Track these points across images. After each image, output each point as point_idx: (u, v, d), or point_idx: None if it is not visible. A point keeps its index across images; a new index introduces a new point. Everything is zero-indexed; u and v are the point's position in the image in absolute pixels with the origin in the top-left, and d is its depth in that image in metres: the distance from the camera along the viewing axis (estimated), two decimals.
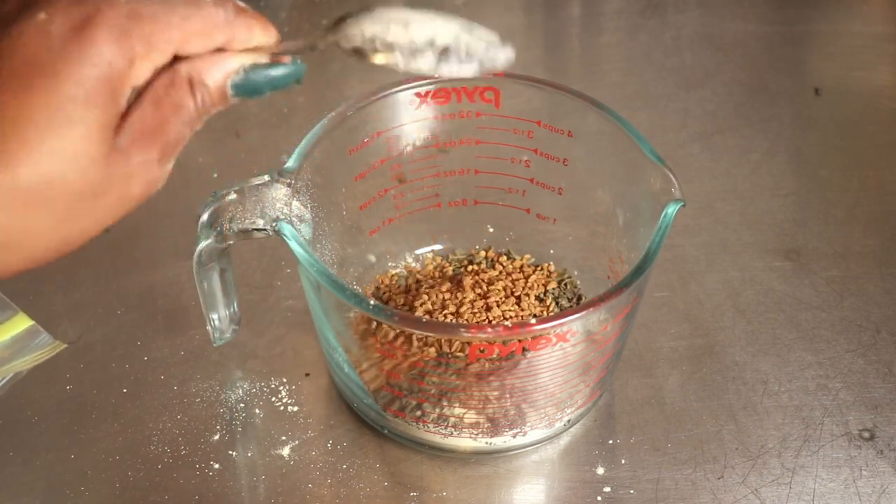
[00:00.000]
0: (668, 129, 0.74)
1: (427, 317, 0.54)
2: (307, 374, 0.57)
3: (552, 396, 0.50)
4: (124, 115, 0.36)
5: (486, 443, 0.52)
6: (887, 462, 0.53)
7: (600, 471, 0.53)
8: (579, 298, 0.59)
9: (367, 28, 0.39)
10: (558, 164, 0.57)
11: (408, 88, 0.55)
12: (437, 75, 0.45)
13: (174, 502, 0.51)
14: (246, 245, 0.63)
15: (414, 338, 0.50)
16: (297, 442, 0.54)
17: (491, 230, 0.62)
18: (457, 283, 0.57)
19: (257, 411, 0.55)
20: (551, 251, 0.61)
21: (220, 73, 0.38)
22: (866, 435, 0.54)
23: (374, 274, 0.60)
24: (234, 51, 0.38)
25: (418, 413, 0.51)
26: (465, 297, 0.55)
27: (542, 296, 0.57)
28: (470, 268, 0.59)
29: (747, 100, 0.77)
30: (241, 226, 0.49)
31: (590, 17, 0.87)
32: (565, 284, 0.59)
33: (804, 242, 0.65)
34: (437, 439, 0.52)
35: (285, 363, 0.58)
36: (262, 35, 0.39)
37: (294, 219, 0.49)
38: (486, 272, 0.59)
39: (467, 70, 0.39)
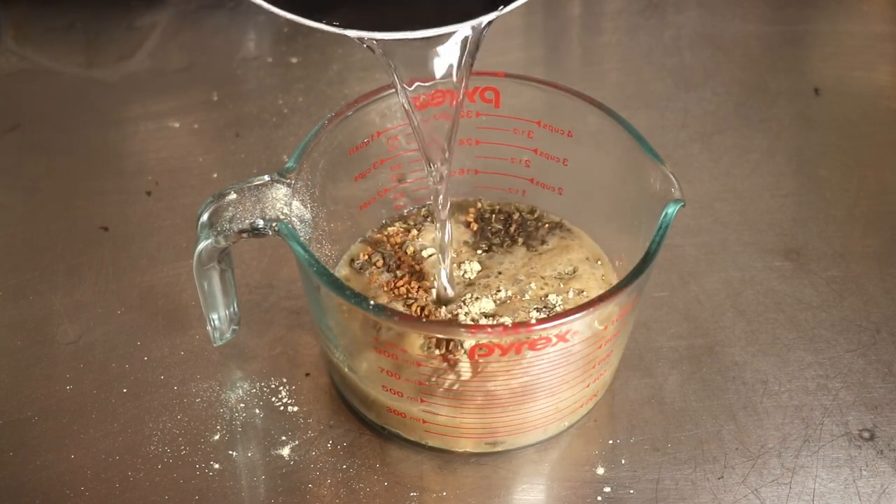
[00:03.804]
0: (668, 129, 0.74)
1: (427, 317, 0.54)
2: (307, 374, 0.57)
3: (552, 396, 0.50)
4: None
5: (486, 443, 0.52)
6: (887, 462, 0.53)
7: (600, 471, 0.53)
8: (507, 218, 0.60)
9: None
10: (558, 164, 0.57)
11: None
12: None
13: (174, 502, 0.51)
14: (246, 245, 0.63)
15: (414, 337, 0.50)
16: (297, 442, 0.54)
17: None
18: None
19: (257, 411, 0.55)
20: None
21: None
22: (866, 435, 0.54)
23: None
24: None
25: (418, 413, 0.51)
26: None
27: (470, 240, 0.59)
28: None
29: (747, 100, 0.77)
30: (241, 226, 0.49)
31: (590, 17, 0.87)
32: (485, 214, 0.60)
33: (804, 242, 0.65)
34: (437, 439, 0.52)
35: (285, 363, 0.58)
36: None
37: (294, 219, 0.49)
38: None
39: None
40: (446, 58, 0.46)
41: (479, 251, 0.58)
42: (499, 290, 0.55)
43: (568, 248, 0.58)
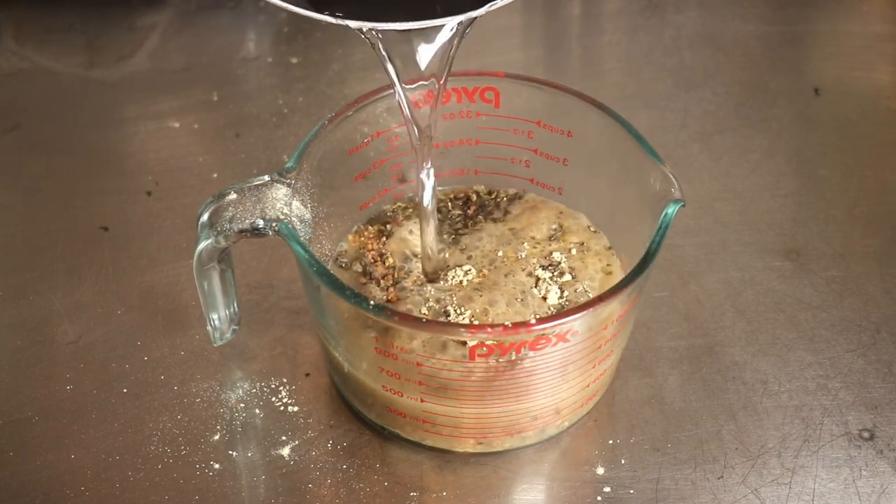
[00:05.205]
0: (668, 129, 0.74)
1: (426, 317, 0.54)
2: (307, 374, 0.57)
3: (552, 396, 0.50)
4: None
5: (486, 443, 0.52)
6: (887, 462, 0.53)
7: (600, 471, 0.53)
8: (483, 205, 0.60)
9: None
10: (558, 164, 0.57)
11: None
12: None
13: (174, 502, 0.51)
14: (246, 245, 0.63)
15: (413, 337, 0.50)
16: (297, 442, 0.54)
17: None
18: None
19: (257, 411, 0.55)
20: None
21: None
22: (866, 435, 0.54)
23: None
24: None
25: (418, 413, 0.51)
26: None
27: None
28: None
29: (747, 100, 0.77)
30: (241, 226, 0.49)
31: (590, 17, 0.87)
32: (440, 204, 0.59)
33: (804, 242, 0.65)
34: (437, 439, 0.52)
35: (285, 363, 0.58)
36: None
37: (294, 219, 0.49)
38: None
39: None
40: (437, 45, 0.46)
41: (447, 242, 0.58)
42: (489, 257, 0.56)
43: (535, 208, 0.59)
